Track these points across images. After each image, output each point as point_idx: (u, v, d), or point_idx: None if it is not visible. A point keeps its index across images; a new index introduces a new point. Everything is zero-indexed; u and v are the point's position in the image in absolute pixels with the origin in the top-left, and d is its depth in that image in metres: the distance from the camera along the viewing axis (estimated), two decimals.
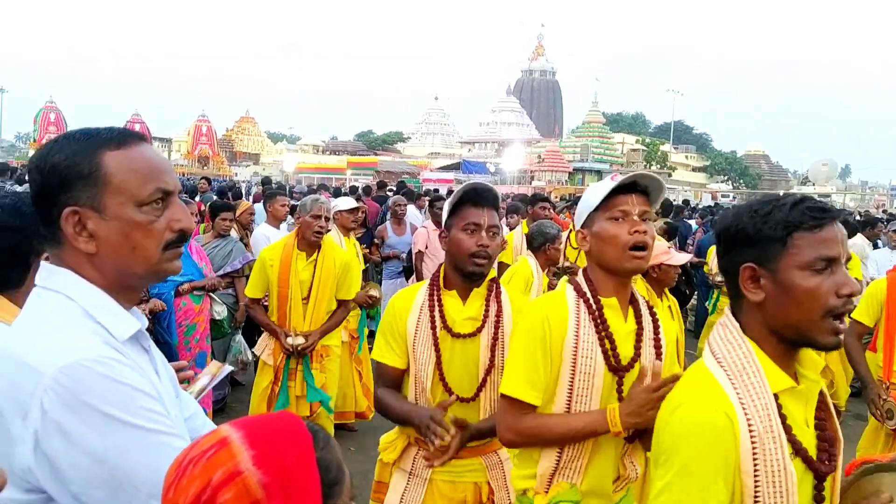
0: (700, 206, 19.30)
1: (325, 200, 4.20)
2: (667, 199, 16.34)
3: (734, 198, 39.38)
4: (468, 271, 2.15)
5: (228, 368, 1.81)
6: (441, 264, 2.30)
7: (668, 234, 7.54)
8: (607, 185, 1.83)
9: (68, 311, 1.09)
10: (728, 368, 1.31)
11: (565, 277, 1.96)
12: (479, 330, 2.18)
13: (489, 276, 2.25)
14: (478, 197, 2.15)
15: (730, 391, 1.28)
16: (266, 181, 15.01)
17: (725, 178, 74.99)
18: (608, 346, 1.79)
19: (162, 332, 4.39)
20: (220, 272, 5.16)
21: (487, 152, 65.05)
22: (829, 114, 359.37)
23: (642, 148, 65.02)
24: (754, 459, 1.24)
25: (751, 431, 1.24)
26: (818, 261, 1.26)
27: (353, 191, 12.75)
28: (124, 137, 1.15)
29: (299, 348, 4.03)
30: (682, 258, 3.73)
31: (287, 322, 4.09)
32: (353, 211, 5.36)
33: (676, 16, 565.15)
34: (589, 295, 1.82)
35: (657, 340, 1.87)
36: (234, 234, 5.71)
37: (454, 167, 47.36)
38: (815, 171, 57.74)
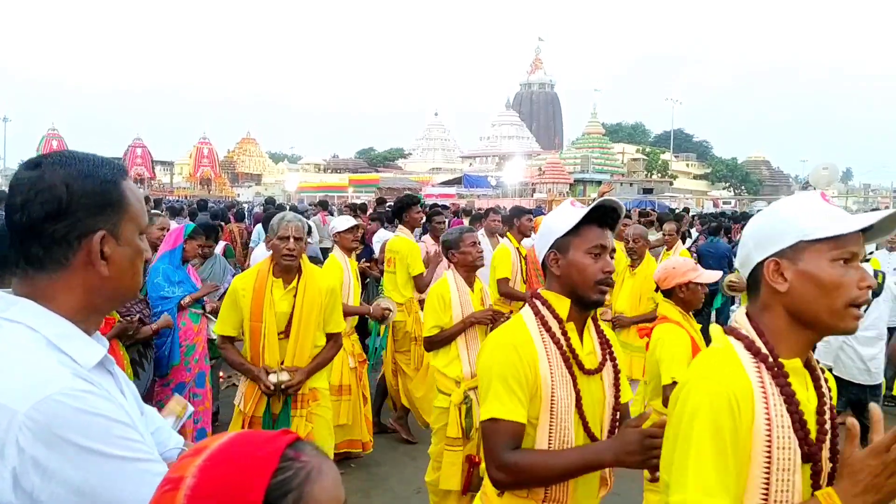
0: (703, 213, 19.34)
1: (293, 218, 3.60)
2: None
3: (736, 204, 39.31)
4: (592, 300, 1.90)
5: (191, 409, 1.81)
6: (532, 292, 2.02)
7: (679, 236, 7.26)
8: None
9: (32, 342, 1.08)
10: None
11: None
12: (602, 365, 1.95)
13: None
14: (606, 216, 1.91)
15: None
16: (270, 201, 15.02)
17: (727, 184, 75.11)
18: (799, 428, 1.32)
19: (157, 352, 4.41)
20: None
21: (488, 166, 65.32)
22: (829, 118, 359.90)
23: (643, 157, 65.18)
24: None
25: None
26: None
27: (351, 208, 12.75)
28: (125, 169, 1.25)
29: (283, 386, 3.42)
30: (712, 276, 3.33)
31: (260, 362, 3.51)
32: (351, 230, 5.26)
33: (673, 24, 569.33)
34: (771, 359, 1.35)
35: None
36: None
37: (456, 182, 47.57)
38: (816, 175, 57.41)
